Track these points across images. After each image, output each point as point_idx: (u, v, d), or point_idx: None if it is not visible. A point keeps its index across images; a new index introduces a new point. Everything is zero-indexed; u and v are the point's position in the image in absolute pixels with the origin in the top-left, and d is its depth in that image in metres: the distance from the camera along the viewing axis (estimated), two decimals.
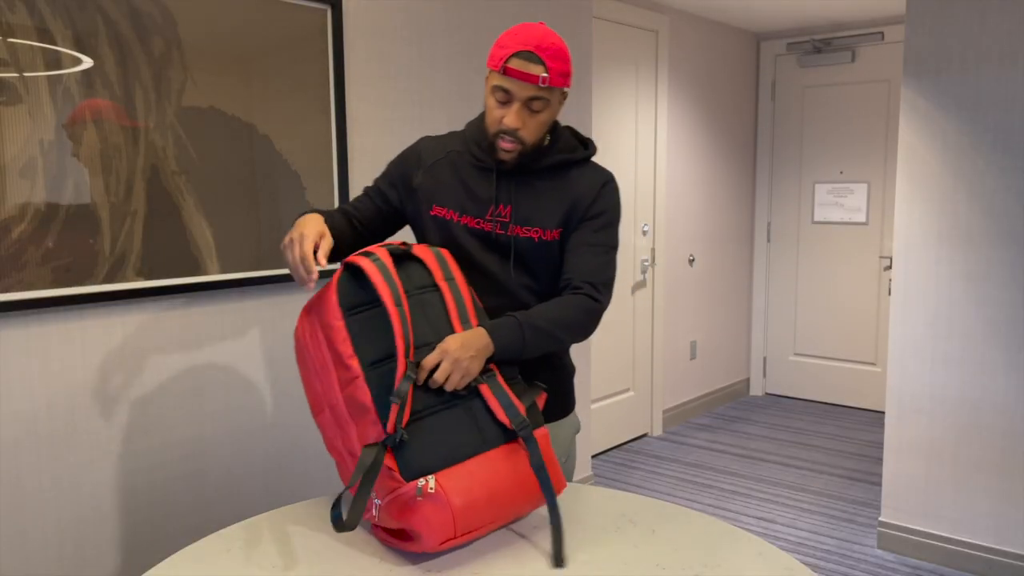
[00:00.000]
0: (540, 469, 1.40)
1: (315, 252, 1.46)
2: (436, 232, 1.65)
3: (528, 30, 1.52)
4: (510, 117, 1.54)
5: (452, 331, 1.45)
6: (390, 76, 2.59)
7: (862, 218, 5.00)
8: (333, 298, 1.41)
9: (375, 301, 1.43)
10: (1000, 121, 2.80)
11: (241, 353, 2.25)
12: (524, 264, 1.63)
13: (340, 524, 1.35)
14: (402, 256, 1.50)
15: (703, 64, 4.78)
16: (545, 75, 1.51)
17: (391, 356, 1.39)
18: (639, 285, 4.47)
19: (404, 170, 1.68)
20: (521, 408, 1.43)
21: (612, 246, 1.63)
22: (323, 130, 2.38)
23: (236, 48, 2.16)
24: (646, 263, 4.46)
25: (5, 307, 1.79)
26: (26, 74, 1.80)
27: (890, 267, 4.71)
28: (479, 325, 1.49)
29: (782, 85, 5.23)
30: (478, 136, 1.64)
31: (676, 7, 4.45)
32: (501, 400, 1.42)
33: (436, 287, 1.49)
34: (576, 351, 3.46)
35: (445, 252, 1.56)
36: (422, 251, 1.52)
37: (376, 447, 1.33)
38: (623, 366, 4.42)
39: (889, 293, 3.92)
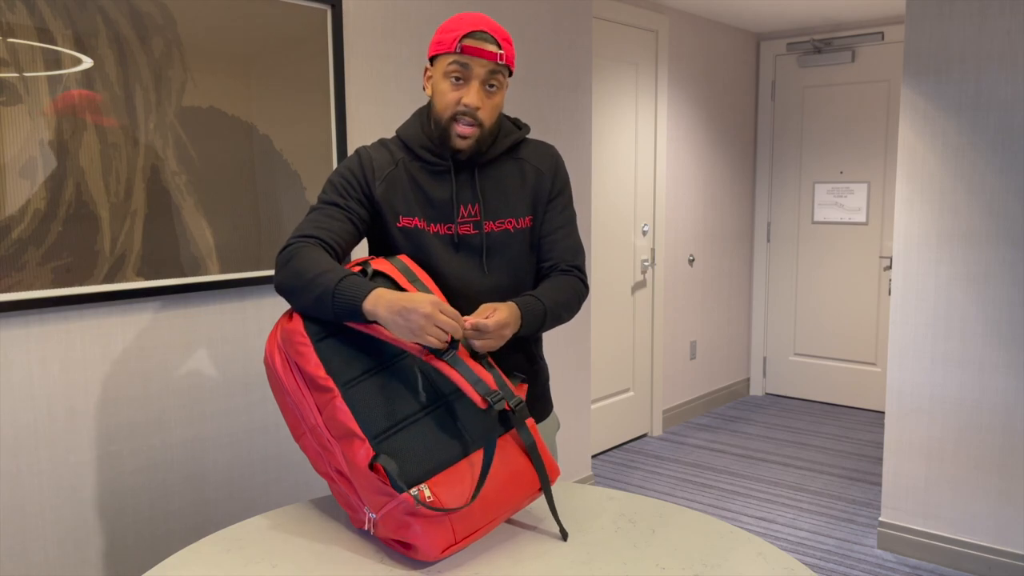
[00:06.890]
0: (532, 448, 1.40)
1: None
2: (405, 243, 1.59)
3: (472, 16, 1.54)
4: (470, 96, 1.51)
5: None
6: (390, 76, 2.59)
7: (862, 218, 5.00)
8: (300, 324, 1.40)
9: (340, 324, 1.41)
10: (1000, 121, 2.80)
11: (241, 353, 2.25)
12: (498, 260, 1.61)
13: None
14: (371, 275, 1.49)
15: (703, 64, 4.78)
16: (501, 51, 1.52)
17: (366, 373, 1.37)
18: (639, 285, 4.46)
19: (363, 185, 1.58)
20: (489, 380, 1.38)
21: (575, 219, 1.70)
22: (323, 130, 2.38)
23: (236, 48, 2.16)
24: (646, 263, 4.46)
25: (5, 307, 1.79)
26: (26, 74, 1.80)
27: (890, 267, 4.71)
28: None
29: (782, 85, 5.22)
30: (423, 137, 1.60)
31: (676, 7, 4.45)
32: (467, 377, 1.36)
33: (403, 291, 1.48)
34: (576, 351, 3.47)
35: (403, 258, 1.54)
36: (381, 264, 1.51)
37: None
38: (623, 366, 4.42)
39: (889, 293, 3.92)
